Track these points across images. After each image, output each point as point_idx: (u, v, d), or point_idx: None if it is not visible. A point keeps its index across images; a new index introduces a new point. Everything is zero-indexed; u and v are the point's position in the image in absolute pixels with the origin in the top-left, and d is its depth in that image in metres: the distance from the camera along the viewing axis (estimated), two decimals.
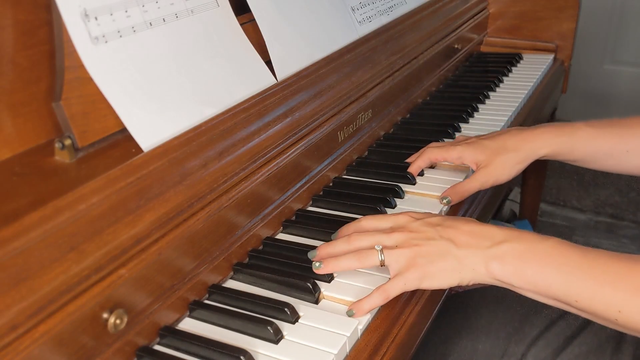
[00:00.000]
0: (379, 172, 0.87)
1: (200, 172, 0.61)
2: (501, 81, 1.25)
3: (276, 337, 0.57)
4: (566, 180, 2.17)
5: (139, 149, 0.57)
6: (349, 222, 0.70)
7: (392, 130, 1.03)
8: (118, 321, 0.52)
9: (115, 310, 0.51)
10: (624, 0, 2.24)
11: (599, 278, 0.55)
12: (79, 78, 0.54)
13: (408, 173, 0.85)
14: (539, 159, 0.81)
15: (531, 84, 1.22)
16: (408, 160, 0.88)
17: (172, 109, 0.62)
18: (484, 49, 1.45)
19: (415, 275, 0.60)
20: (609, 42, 2.32)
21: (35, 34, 0.54)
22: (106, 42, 0.57)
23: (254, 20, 0.75)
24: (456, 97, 1.17)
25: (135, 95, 0.58)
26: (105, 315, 0.51)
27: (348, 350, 0.57)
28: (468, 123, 1.06)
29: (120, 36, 0.58)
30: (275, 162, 0.72)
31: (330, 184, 0.86)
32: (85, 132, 0.55)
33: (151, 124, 0.59)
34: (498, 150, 0.80)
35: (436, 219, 0.65)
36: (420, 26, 1.12)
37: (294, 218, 0.78)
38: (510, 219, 1.74)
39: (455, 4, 1.26)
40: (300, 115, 0.76)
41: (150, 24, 0.62)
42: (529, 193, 1.64)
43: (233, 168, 0.65)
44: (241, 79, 0.71)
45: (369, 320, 0.60)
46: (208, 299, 0.64)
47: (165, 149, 0.59)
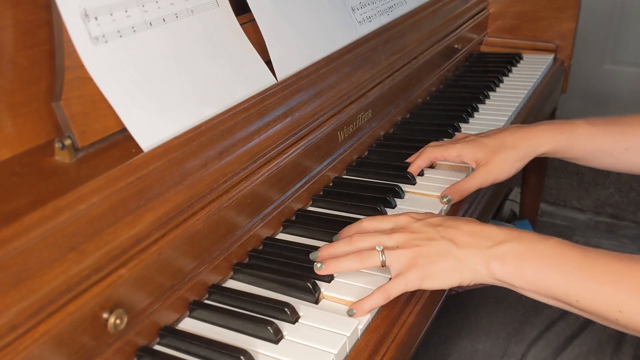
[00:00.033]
0: (379, 172, 0.87)
1: (200, 172, 0.61)
2: (501, 81, 1.25)
3: (276, 337, 0.57)
4: (566, 180, 2.17)
5: (139, 149, 0.57)
6: (350, 223, 0.70)
7: (392, 130, 1.03)
8: (118, 321, 0.52)
9: (115, 310, 0.51)
10: (624, 0, 2.24)
11: (600, 278, 0.55)
12: (79, 78, 0.54)
13: (408, 173, 0.85)
14: (538, 157, 0.81)
15: (531, 84, 1.22)
16: (408, 161, 0.89)
17: (172, 109, 0.62)
18: (484, 49, 1.45)
19: (417, 276, 0.60)
20: (609, 42, 2.32)
21: (35, 34, 0.54)
22: (106, 42, 0.57)
23: (254, 20, 0.75)
24: (456, 97, 1.17)
25: (135, 95, 0.58)
26: (105, 315, 0.51)
27: (348, 350, 0.57)
28: (468, 123, 1.06)
29: (120, 36, 0.58)
30: (275, 162, 0.72)
31: (330, 184, 0.86)
32: (85, 132, 0.55)
33: (151, 124, 0.59)
34: (497, 148, 0.80)
35: (437, 219, 0.65)
36: (420, 26, 1.12)
37: (294, 218, 0.78)
38: (510, 219, 1.74)
39: (455, 4, 1.26)
40: (300, 115, 0.76)
41: (150, 24, 0.62)
42: (529, 193, 1.64)
43: (233, 168, 0.65)
44: (241, 79, 0.71)
45: (369, 320, 0.60)
46: (208, 299, 0.64)
47: (165, 149, 0.59)
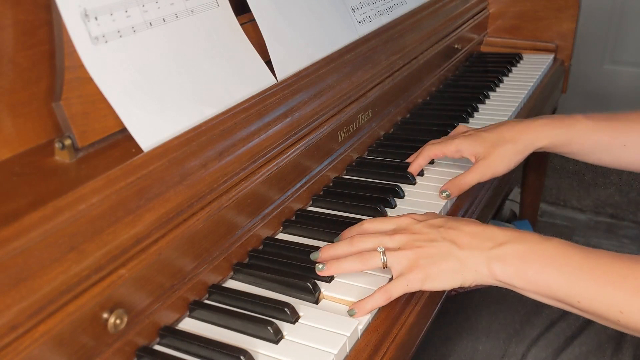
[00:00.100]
0: (379, 172, 0.87)
1: (200, 172, 0.61)
2: (501, 81, 1.25)
3: (276, 337, 0.57)
4: (566, 180, 2.17)
5: (139, 149, 0.57)
6: (350, 223, 0.70)
7: (392, 130, 1.03)
8: (118, 321, 0.52)
9: (115, 310, 0.51)
10: (624, 0, 2.24)
11: (601, 279, 0.55)
12: (79, 78, 0.54)
13: (408, 173, 0.85)
14: (538, 155, 0.81)
15: (531, 84, 1.22)
16: (408, 160, 0.89)
17: (172, 109, 0.62)
18: (484, 49, 1.45)
19: (418, 277, 0.60)
20: (609, 42, 2.32)
21: (35, 34, 0.54)
22: (106, 42, 0.57)
23: (254, 20, 0.75)
24: (456, 97, 1.17)
25: (135, 95, 0.58)
26: (105, 315, 0.51)
27: (348, 350, 0.57)
28: (468, 123, 1.06)
29: (120, 36, 0.58)
30: (275, 162, 0.72)
31: (330, 184, 0.86)
32: (85, 132, 0.55)
33: (151, 124, 0.59)
34: (496, 142, 0.79)
35: (438, 220, 0.64)
36: (420, 26, 1.12)
37: (294, 218, 0.78)
38: (510, 219, 1.74)
39: (455, 4, 1.26)
40: (300, 115, 0.76)
41: (150, 24, 0.61)
42: (529, 193, 1.64)
43: (233, 168, 0.65)
44: (241, 79, 0.71)
45: (369, 320, 0.60)
46: (208, 299, 0.64)
47: (165, 149, 0.59)
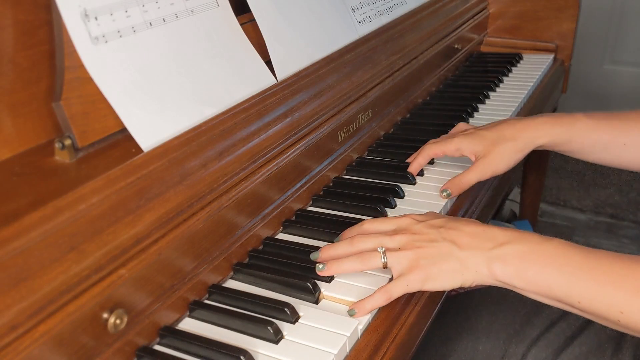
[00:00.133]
0: (379, 172, 0.87)
1: (200, 172, 0.61)
2: (501, 81, 1.25)
3: (276, 337, 0.57)
4: (566, 180, 2.17)
5: (139, 149, 0.57)
6: (350, 223, 0.70)
7: (392, 130, 1.03)
8: (118, 321, 0.52)
9: (115, 310, 0.51)
10: (624, 0, 2.24)
11: (601, 279, 0.55)
12: (79, 78, 0.54)
13: (408, 173, 0.85)
14: (538, 155, 0.81)
15: (531, 84, 1.22)
16: (408, 160, 0.88)
17: (172, 109, 0.62)
18: (484, 49, 1.45)
19: (418, 277, 0.60)
20: (609, 42, 2.32)
21: (35, 34, 0.54)
22: (106, 42, 0.57)
23: (254, 20, 0.75)
24: (456, 97, 1.17)
25: (135, 95, 0.58)
26: (105, 315, 0.51)
27: (348, 350, 0.57)
28: (468, 123, 1.06)
29: (120, 36, 0.58)
30: (275, 162, 0.72)
31: (330, 184, 0.86)
32: (85, 132, 0.55)
33: (151, 124, 0.59)
34: (496, 140, 0.79)
35: (438, 220, 0.64)
36: (420, 26, 1.12)
37: (294, 218, 0.78)
38: (510, 219, 1.74)
39: (455, 4, 1.26)
40: (300, 115, 0.76)
41: (150, 24, 0.61)
42: (529, 193, 1.64)
43: (233, 168, 0.65)
44: (241, 79, 0.71)
45: (369, 320, 0.60)
46: (208, 299, 0.64)
47: (165, 149, 0.59)
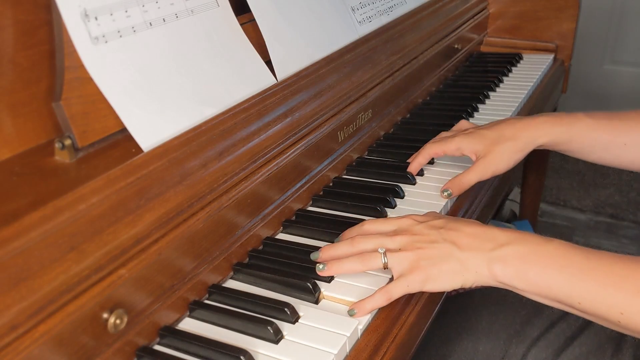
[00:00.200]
0: (379, 172, 0.87)
1: (200, 172, 0.61)
2: (501, 81, 1.25)
3: (276, 337, 0.57)
4: (566, 180, 2.17)
5: (139, 149, 0.57)
6: (350, 223, 0.70)
7: (392, 130, 1.03)
8: (118, 321, 0.52)
9: (115, 310, 0.51)
10: (624, 0, 2.24)
11: (602, 280, 0.55)
12: (79, 78, 0.54)
13: (408, 173, 0.85)
14: (538, 155, 0.81)
15: (531, 84, 1.22)
16: (409, 161, 0.88)
17: (172, 109, 0.62)
18: (484, 49, 1.45)
19: (419, 278, 0.60)
20: (609, 42, 2.32)
21: (35, 34, 0.54)
22: (106, 42, 0.57)
23: (254, 20, 0.75)
24: (456, 97, 1.17)
25: (135, 95, 0.58)
26: (105, 315, 0.51)
27: (348, 350, 0.57)
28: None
29: (120, 36, 0.58)
30: (275, 162, 0.72)
31: (330, 184, 0.86)
32: (85, 132, 0.55)
33: (151, 124, 0.59)
34: (497, 140, 0.79)
35: (439, 221, 0.64)
36: (420, 26, 1.12)
37: (294, 218, 0.78)
38: (510, 219, 1.74)
39: (455, 4, 1.26)
40: (300, 115, 0.76)
41: (150, 24, 0.61)
42: (529, 193, 1.64)
43: (233, 168, 0.65)
44: (241, 79, 0.71)
45: (369, 320, 0.60)
46: (208, 299, 0.64)
47: (165, 149, 0.59)
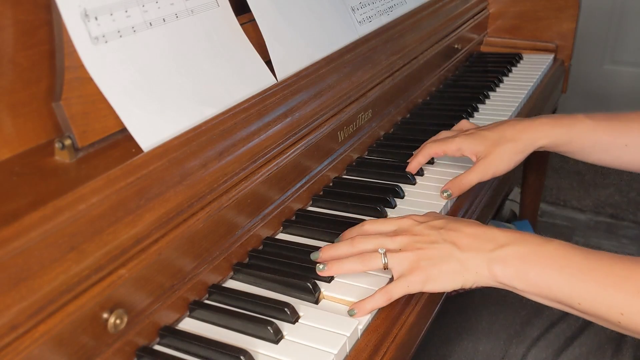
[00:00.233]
0: (379, 172, 0.87)
1: (200, 172, 0.61)
2: (501, 81, 1.25)
3: (276, 337, 0.57)
4: (566, 180, 2.17)
5: (139, 149, 0.57)
6: (350, 223, 0.70)
7: (392, 130, 1.03)
8: (118, 321, 0.52)
9: (115, 310, 0.51)
10: (624, 0, 2.24)
11: (602, 280, 0.55)
12: (79, 78, 0.54)
13: (408, 172, 0.85)
14: (538, 155, 0.81)
15: (531, 84, 1.22)
16: (409, 161, 0.88)
17: (172, 109, 0.62)
18: (484, 49, 1.45)
19: (419, 278, 0.60)
20: (609, 42, 2.32)
21: (35, 34, 0.54)
22: (106, 42, 0.57)
23: (254, 20, 0.75)
24: (456, 97, 1.17)
25: (135, 95, 0.58)
26: (105, 315, 0.51)
27: (348, 350, 0.57)
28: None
29: (120, 36, 0.58)
30: (275, 162, 0.72)
31: (330, 184, 0.86)
32: (85, 132, 0.55)
33: (151, 124, 0.59)
34: (497, 141, 0.79)
35: (439, 222, 0.64)
36: (420, 26, 1.12)
37: (294, 218, 0.78)
38: (510, 219, 1.74)
39: (455, 4, 1.26)
40: (300, 115, 0.76)
41: (150, 24, 0.61)
42: (529, 193, 1.64)
43: (233, 168, 0.65)
44: (241, 79, 0.71)
45: (369, 320, 0.60)
46: (208, 299, 0.64)
47: (165, 149, 0.59)
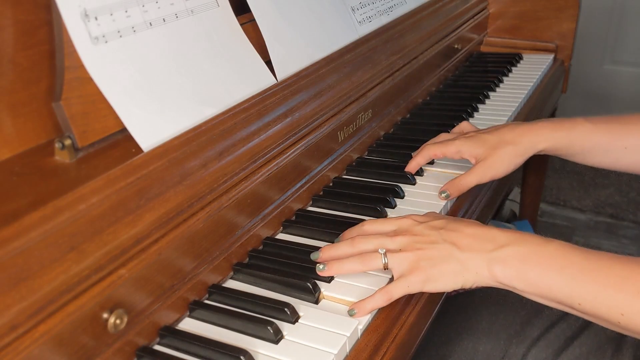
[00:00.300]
0: (379, 172, 0.87)
1: (200, 172, 0.61)
2: (501, 81, 1.25)
3: (276, 337, 0.57)
4: (566, 180, 2.17)
5: (139, 149, 0.57)
6: (350, 223, 0.70)
7: (392, 130, 1.03)
8: (118, 321, 0.52)
9: (115, 310, 0.51)
10: (624, 0, 2.24)
11: (602, 281, 0.55)
12: (79, 78, 0.54)
13: (408, 173, 0.85)
14: (538, 156, 0.81)
15: (531, 84, 1.22)
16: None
17: (172, 109, 0.62)
18: (484, 49, 1.45)
19: (419, 279, 0.60)
20: (609, 42, 2.32)
21: (35, 34, 0.54)
22: (106, 42, 0.57)
23: (254, 20, 0.75)
24: (456, 97, 1.17)
25: (135, 95, 0.58)
26: (105, 315, 0.51)
27: (348, 350, 0.57)
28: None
29: (120, 36, 0.58)
30: (275, 162, 0.72)
31: (330, 184, 0.86)
32: (85, 132, 0.55)
33: (151, 124, 0.59)
34: (497, 144, 0.79)
35: (439, 222, 0.64)
36: (420, 26, 1.12)
37: (294, 218, 0.78)
38: (510, 219, 1.74)
39: (455, 4, 1.26)
40: (300, 115, 0.76)
41: (150, 24, 0.61)
42: (529, 193, 1.64)
43: (233, 168, 0.65)
44: (241, 79, 0.71)
45: (369, 320, 0.60)
46: (208, 299, 0.64)
47: (165, 149, 0.59)
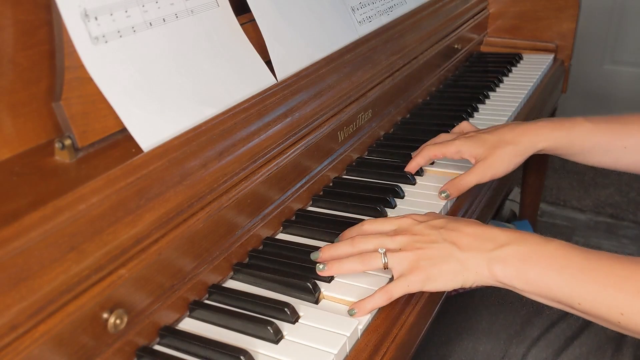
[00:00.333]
0: (379, 172, 0.87)
1: (200, 172, 0.61)
2: (501, 81, 1.25)
3: (276, 337, 0.57)
4: (566, 180, 2.17)
5: (139, 149, 0.57)
6: (350, 223, 0.70)
7: (392, 130, 1.03)
8: (118, 321, 0.52)
9: (115, 310, 0.51)
10: (624, 0, 2.24)
11: (602, 280, 0.55)
12: (79, 78, 0.54)
13: (407, 173, 0.85)
14: (538, 156, 0.81)
15: (531, 84, 1.22)
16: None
17: (172, 109, 0.62)
18: (484, 49, 1.45)
19: (419, 278, 0.60)
20: (609, 42, 2.32)
21: (35, 34, 0.54)
22: (106, 42, 0.57)
23: (254, 20, 0.75)
24: (456, 97, 1.17)
25: (135, 95, 0.58)
26: (105, 315, 0.51)
27: (348, 350, 0.57)
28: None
29: (120, 36, 0.58)
30: (275, 162, 0.72)
31: (330, 184, 0.86)
32: (85, 132, 0.55)
33: (151, 124, 0.59)
34: (496, 144, 0.79)
35: (439, 221, 0.64)
36: (420, 26, 1.12)
37: (294, 218, 0.78)
38: (510, 219, 1.74)
39: (455, 4, 1.26)
40: (300, 115, 0.76)
41: (150, 24, 0.62)
42: (529, 193, 1.64)
43: (233, 168, 0.65)
44: (241, 79, 0.71)
45: (369, 320, 0.60)
46: (208, 299, 0.64)
47: (165, 149, 0.59)
